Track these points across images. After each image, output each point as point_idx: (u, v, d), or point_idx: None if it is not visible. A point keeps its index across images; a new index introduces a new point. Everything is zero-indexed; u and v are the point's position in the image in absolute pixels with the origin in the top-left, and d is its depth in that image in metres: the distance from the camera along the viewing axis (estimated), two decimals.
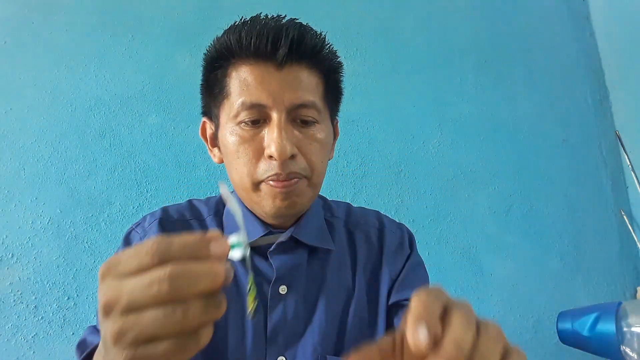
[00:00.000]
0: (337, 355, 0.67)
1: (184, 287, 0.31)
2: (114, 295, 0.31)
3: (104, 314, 0.32)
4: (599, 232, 1.75)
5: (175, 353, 0.31)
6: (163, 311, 0.30)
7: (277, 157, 0.60)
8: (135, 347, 0.31)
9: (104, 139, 1.41)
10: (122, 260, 0.32)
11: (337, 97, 0.74)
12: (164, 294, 0.30)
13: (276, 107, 0.61)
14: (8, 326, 1.21)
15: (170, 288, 0.30)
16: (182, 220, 0.71)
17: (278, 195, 0.62)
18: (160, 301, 0.30)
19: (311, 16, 1.67)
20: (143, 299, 0.30)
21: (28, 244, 1.28)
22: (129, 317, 0.31)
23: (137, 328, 0.30)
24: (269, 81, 0.62)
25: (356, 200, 1.56)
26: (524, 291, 1.61)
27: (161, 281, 0.30)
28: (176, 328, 0.31)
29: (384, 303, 0.71)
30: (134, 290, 0.31)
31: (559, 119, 1.84)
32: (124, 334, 0.31)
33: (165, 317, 0.30)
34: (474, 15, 1.88)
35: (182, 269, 0.31)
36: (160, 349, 0.31)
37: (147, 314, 0.30)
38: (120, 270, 0.32)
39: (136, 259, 0.32)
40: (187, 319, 0.31)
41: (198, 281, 0.31)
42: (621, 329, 1.15)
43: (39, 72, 1.41)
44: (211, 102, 0.69)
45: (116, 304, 0.31)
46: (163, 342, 0.31)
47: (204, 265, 0.32)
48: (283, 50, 0.61)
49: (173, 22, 1.55)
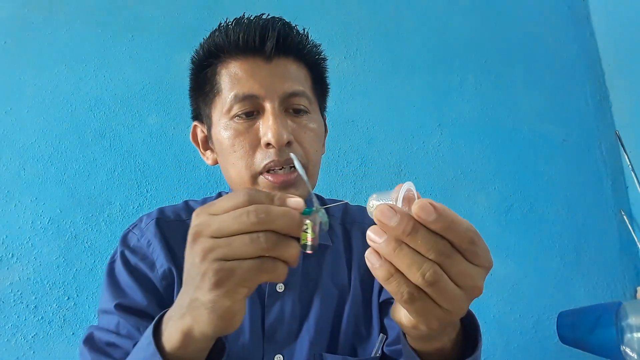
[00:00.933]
0: (333, 352, 0.67)
1: (266, 220, 0.37)
2: (204, 224, 0.39)
3: (193, 239, 0.39)
4: (599, 232, 1.75)
5: (256, 272, 0.37)
6: (249, 236, 0.37)
7: (274, 144, 0.60)
8: (223, 261, 0.37)
9: (103, 139, 1.41)
10: (216, 203, 0.40)
11: (324, 91, 0.75)
12: (250, 224, 0.37)
13: (269, 97, 0.62)
14: (8, 326, 1.21)
15: (257, 219, 0.37)
16: (179, 221, 0.72)
17: (275, 189, 0.63)
18: (246, 229, 0.37)
19: (311, 16, 1.69)
20: (233, 226, 0.37)
21: (28, 244, 1.28)
22: (219, 239, 0.37)
23: (227, 247, 0.37)
24: (259, 73, 0.63)
25: (356, 200, 1.56)
26: (524, 291, 1.61)
27: (249, 213, 0.37)
28: (259, 251, 0.37)
29: (376, 301, 0.71)
30: (224, 220, 0.38)
31: (559, 119, 1.84)
32: (212, 250, 0.37)
33: (252, 241, 0.37)
34: (474, 15, 1.88)
35: (266, 207, 0.37)
36: (245, 265, 0.37)
37: (237, 238, 0.37)
38: (212, 209, 0.39)
39: (229, 201, 0.39)
40: (269, 245, 0.37)
41: (278, 218, 0.37)
42: (621, 329, 1.15)
43: (39, 72, 1.41)
44: (202, 103, 0.70)
45: (205, 231, 0.38)
46: (247, 261, 0.37)
47: (283, 208, 0.38)
48: (271, 43, 0.63)
49: (173, 22, 1.55)
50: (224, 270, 0.37)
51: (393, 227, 0.34)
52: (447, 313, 0.36)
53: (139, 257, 0.67)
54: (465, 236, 0.35)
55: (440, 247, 0.34)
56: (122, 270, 0.66)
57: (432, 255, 0.34)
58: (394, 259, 0.34)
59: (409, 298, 0.35)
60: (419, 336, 0.44)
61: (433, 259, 0.34)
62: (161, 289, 0.65)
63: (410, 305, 0.36)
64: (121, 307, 0.62)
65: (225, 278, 0.37)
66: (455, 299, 0.35)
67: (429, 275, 0.34)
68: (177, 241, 0.69)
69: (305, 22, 0.69)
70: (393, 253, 0.34)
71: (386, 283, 0.35)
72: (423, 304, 0.35)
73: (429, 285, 0.34)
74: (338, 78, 1.66)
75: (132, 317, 0.61)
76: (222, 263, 0.37)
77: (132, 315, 0.61)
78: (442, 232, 0.34)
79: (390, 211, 0.34)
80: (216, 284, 0.37)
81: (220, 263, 0.37)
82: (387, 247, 0.34)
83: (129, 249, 0.68)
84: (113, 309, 0.62)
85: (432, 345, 0.45)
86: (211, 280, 0.37)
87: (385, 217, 0.34)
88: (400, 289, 0.35)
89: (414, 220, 0.34)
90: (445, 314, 0.36)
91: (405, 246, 0.34)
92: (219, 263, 0.37)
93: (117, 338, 0.60)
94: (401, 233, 0.34)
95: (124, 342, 0.59)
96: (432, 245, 0.34)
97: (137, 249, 0.68)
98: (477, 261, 0.36)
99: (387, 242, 0.34)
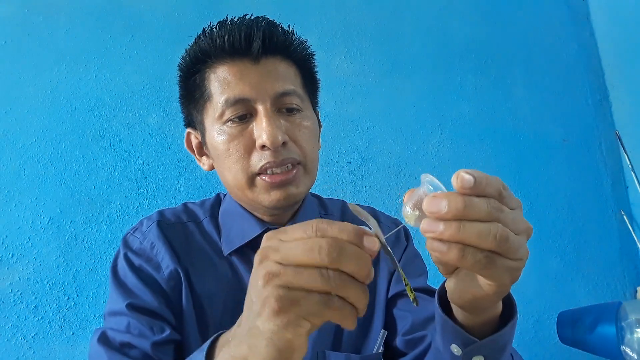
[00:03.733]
0: (335, 350, 0.67)
1: (337, 260, 0.35)
2: (272, 248, 0.37)
3: (259, 262, 0.37)
4: (599, 232, 1.75)
5: (322, 307, 0.35)
6: (319, 271, 0.35)
7: (269, 145, 0.60)
8: (287, 289, 0.35)
9: (103, 139, 1.41)
10: (288, 229, 0.38)
11: (315, 86, 0.74)
12: (320, 259, 0.34)
13: (260, 99, 0.62)
14: (8, 326, 1.21)
15: (328, 257, 0.34)
16: (179, 223, 0.72)
17: (274, 187, 0.63)
18: (314, 264, 0.35)
19: (312, 16, 1.69)
20: (303, 256, 0.35)
21: (28, 244, 1.28)
22: (286, 267, 0.35)
23: (294, 276, 0.35)
24: (248, 75, 0.63)
25: (356, 200, 1.56)
26: (524, 291, 1.61)
27: (321, 248, 0.35)
28: (327, 287, 0.35)
29: (381, 297, 0.71)
30: (294, 248, 0.36)
31: (559, 119, 1.84)
32: (276, 275, 0.35)
33: (322, 276, 0.35)
34: (474, 15, 1.88)
35: (340, 245, 0.35)
36: (311, 298, 0.35)
37: (305, 270, 0.35)
38: (284, 236, 0.38)
39: (302, 230, 0.37)
40: (338, 284, 0.35)
41: (350, 259, 0.35)
42: (621, 329, 1.15)
43: (39, 72, 1.41)
44: (193, 109, 0.70)
45: (272, 254, 0.36)
46: (314, 294, 0.35)
47: (357, 250, 0.36)
48: (257, 43, 0.62)
49: (173, 22, 1.55)
50: (287, 298, 0.35)
51: (448, 210, 0.34)
52: (519, 262, 0.37)
53: (144, 259, 0.67)
54: (498, 186, 0.36)
55: (493, 206, 0.35)
56: (127, 272, 0.65)
57: (492, 215, 0.35)
58: (462, 237, 0.34)
59: (488, 262, 0.35)
60: (488, 304, 0.44)
61: (493, 219, 0.35)
62: (168, 290, 0.65)
63: (490, 270, 0.36)
64: (133, 307, 0.62)
65: (287, 307, 0.35)
66: (521, 246, 0.37)
67: (499, 235, 0.35)
68: (180, 243, 0.69)
69: (306, 22, 0.70)
70: (458, 232, 0.34)
71: (461, 261, 0.35)
72: (500, 263, 0.36)
73: (502, 244, 0.35)
74: (338, 78, 1.66)
75: (144, 317, 0.61)
76: (286, 290, 0.35)
77: (144, 315, 0.61)
78: (484, 192, 0.35)
79: (435, 199, 0.35)
80: (277, 311, 0.35)
81: (284, 290, 0.35)
82: (450, 230, 0.35)
83: (132, 251, 0.68)
84: (124, 309, 0.61)
85: (488, 316, 0.46)
86: (272, 306, 0.35)
87: (435, 207, 0.35)
88: (476, 259, 0.35)
89: (460, 195, 0.35)
90: (518, 264, 0.37)
91: (465, 222, 0.35)
92: (282, 289, 0.35)
93: (132, 338, 0.59)
94: (457, 212, 0.34)
95: (139, 342, 0.59)
96: (486, 208, 0.35)
97: (141, 252, 0.68)
98: (514, 204, 0.38)
99: (447, 226, 0.35)
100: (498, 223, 0.35)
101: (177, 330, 0.64)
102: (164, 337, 0.60)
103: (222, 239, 0.71)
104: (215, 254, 0.70)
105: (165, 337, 0.60)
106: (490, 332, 0.46)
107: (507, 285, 0.40)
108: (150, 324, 0.60)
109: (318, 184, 0.72)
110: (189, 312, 0.65)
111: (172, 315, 0.64)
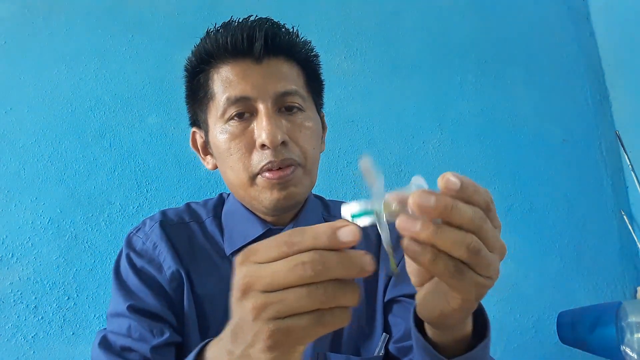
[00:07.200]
0: (336, 351, 0.67)
1: (323, 271, 0.33)
2: (253, 277, 0.34)
3: (242, 294, 0.35)
4: (599, 232, 1.75)
5: (315, 327, 0.34)
6: (307, 289, 0.33)
7: (269, 144, 0.61)
8: (278, 320, 0.33)
9: (103, 139, 1.41)
10: (259, 249, 0.35)
11: (319, 87, 0.74)
12: (307, 277, 0.33)
13: (261, 98, 0.63)
14: (8, 326, 1.21)
15: (314, 272, 0.33)
16: (182, 223, 0.72)
17: (275, 187, 0.63)
18: (303, 281, 0.33)
19: (311, 16, 1.69)
20: (287, 279, 0.33)
21: (28, 244, 1.28)
22: (272, 294, 0.33)
23: (281, 303, 0.33)
24: (250, 75, 0.64)
25: (356, 200, 1.56)
26: (524, 291, 1.61)
27: (305, 264, 0.33)
28: (316, 304, 0.33)
29: (381, 300, 0.71)
30: (277, 272, 0.33)
31: (559, 119, 1.84)
32: (265, 308, 0.33)
33: (309, 294, 0.33)
34: (474, 15, 1.87)
35: (321, 257, 0.33)
36: (302, 322, 0.33)
37: (291, 292, 0.33)
38: (258, 257, 0.35)
39: (275, 248, 0.34)
40: (327, 297, 0.33)
41: (336, 266, 0.34)
42: (621, 329, 1.15)
43: (39, 72, 1.41)
44: (198, 109, 0.70)
45: (256, 284, 0.34)
46: (304, 316, 0.34)
47: (340, 254, 0.34)
48: (259, 44, 0.63)
49: (173, 22, 1.55)
50: (280, 331, 0.33)
51: (435, 206, 0.34)
52: (488, 280, 0.37)
53: (146, 260, 0.67)
54: (486, 198, 0.36)
55: (478, 215, 0.35)
56: (129, 273, 0.66)
57: (474, 223, 0.34)
58: (437, 240, 0.34)
59: (457, 272, 0.35)
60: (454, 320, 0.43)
61: (472, 228, 0.35)
62: (170, 290, 0.65)
63: (459, 280, 0.36)
64: (133, 309, 0.62)
65: (281, 340, 0.34)
66: (492, 263, 0.36)
67: (472, 246, 0.34)
68: (182, 244, 0.69)
69: (306, 22, 0.70)
70: (435, 235, 0.34)
71: (432, 265, 0.35)
72: (468, 276, 0.36)
73: (473, 256, 0.34)
74: (338, 78, 1.66)
75: (145, 320, 0.61)
76: (278, 323, 0.33)
77: (144, 317, 0.61)
78: (471, 199, 0.35)
79: (426, 193, 0.34)
80: (272, 347, 0.34)
81: (275, 323, 0.33)
82: (427, 231, 0.34)
83: (134, 252, 0.68)
84: (125, 311, 0.62)
85: (456, 334, 0.46)
86: (266, 343, 0.34)
87: (424, 199, 0.34)
88: (447, 267, 0.35)
89: (450, 197, 0.34)
90: (486, 282, 0.37)
91: (443, 226, 0.34)
92: (273, 323, 0.33)
93: (132, 342, 0.59)
94: (443, 210, 0.34)
95: (139, 346, 0.59)
96: (471, 214, 0.34)
97: (143, 252, 0.68)
98: (496, 223, 0.37)
99: (424, 227, 0.34)
100: (474, 235, 0.35)
101: (178, 331, 0.64)
102: (163, 340, 0.60)
103: (224, 239, 0.71)
104: (217, 254, 0.70)
105: (165, 340, 0.60)
106: (463, 352, 0.46)
107: (472, 300, 0.39)
108: (150, 326, 0.61)
109: (318, 184, 0.72)
110: (190, 313, 0.65)
111: (173, 316, 0.64)
